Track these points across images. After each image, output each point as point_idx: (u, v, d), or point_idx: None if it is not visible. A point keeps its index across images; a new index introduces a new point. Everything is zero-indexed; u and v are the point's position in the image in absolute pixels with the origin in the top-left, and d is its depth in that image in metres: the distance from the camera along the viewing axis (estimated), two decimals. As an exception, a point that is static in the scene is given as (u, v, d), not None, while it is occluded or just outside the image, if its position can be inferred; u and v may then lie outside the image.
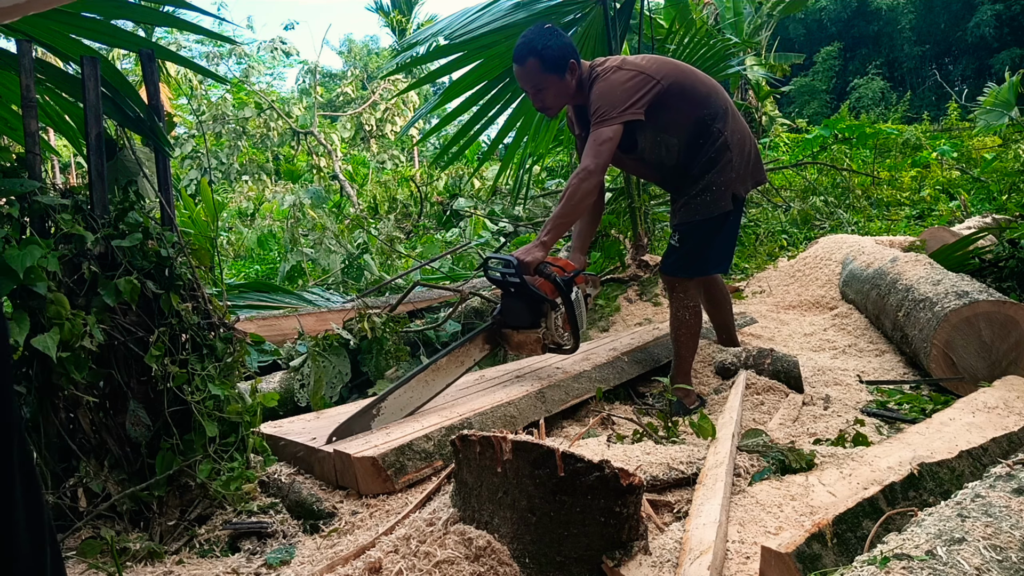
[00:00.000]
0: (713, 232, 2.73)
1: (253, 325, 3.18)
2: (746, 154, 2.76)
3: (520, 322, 2.53)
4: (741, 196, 2.77)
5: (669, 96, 2.62)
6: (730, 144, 2.69)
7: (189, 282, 1.94)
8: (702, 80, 2.75)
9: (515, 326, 2.55)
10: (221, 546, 1.77)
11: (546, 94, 2.67)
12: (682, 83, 2.67)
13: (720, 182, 2.68)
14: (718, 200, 2.68)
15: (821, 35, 30.46)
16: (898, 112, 18.60)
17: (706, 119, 2.68)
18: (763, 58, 14.26)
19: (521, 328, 2.53)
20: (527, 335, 2.53)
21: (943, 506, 1.31)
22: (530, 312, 2.51)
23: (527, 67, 2.61)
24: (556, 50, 2.59)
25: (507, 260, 2.48)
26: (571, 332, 2.56)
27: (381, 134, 14.48)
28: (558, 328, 2.54)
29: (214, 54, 19.32)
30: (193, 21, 2.61)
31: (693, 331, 2.79)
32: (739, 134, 2.74)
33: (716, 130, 2.68)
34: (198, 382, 1.86)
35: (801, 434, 2.29)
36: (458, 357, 2.46)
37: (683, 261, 2.76)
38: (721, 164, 2.68)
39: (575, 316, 2.53)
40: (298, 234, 6.29)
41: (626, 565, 1.40)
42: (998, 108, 9.50)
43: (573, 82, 2.66)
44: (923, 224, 6.58)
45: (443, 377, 2.41)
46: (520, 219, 6.79)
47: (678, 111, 2.65)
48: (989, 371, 2.73)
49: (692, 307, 2.76)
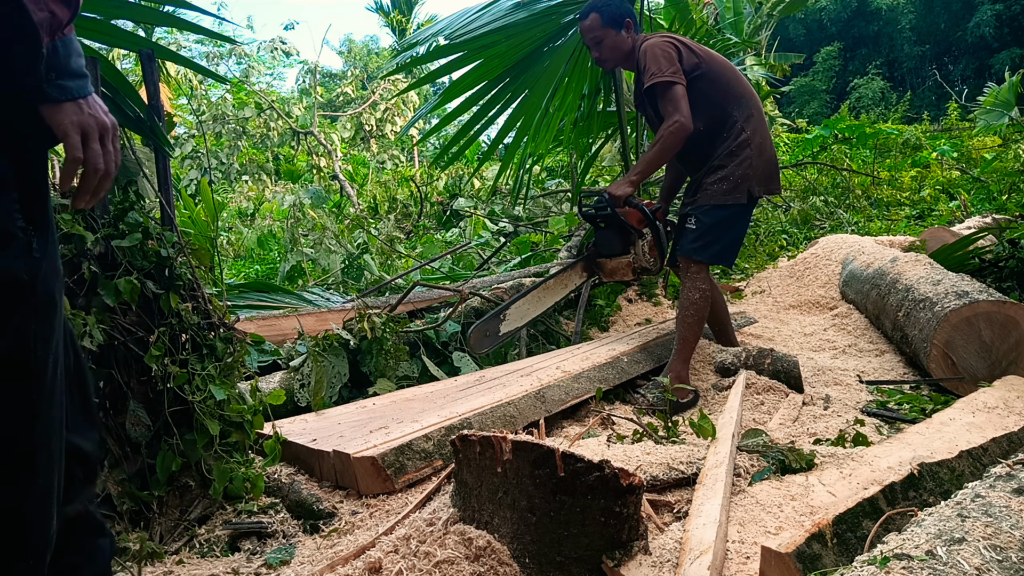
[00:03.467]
0: (728, 220, 2.88)
1: (253, 325, 3.18)
2: (765, 160, 2.92)
3: (612, 250, 2.90)
4: (755, 195, 2.90)
5: (705, 79, 2.84)
6: (751, 143, 2.86)
7: (189, 282, 1.94)
8: (741, 81, 2.98)
9: (608, 254, 2.92)
10: (221, 546, 1.77)
11: (603, 46, 2.97)
12: (721, 72, 2.90)
13: (737, 175, 2.84)
14: (733, 191, 2.84)
15: (821, 35, 30.47)
16: (898, 112, 18.60)
17: (734, 114, 2.89)
18: (763, 58, 14.24)
19: (613, 255, 2.90)
20: (619, 261, 2.89)
21: (943, 506, 1.31)
22: (621, 240, 2.87)
23: (589, 20, 2.96)
24: (615, 8, 2.94)
25: (599, 195, 2.83)
26: (658, 256, 2.91)
27: (381, 134, 14.47)
28: (645, 254, 2.87)
29: (214, 54, 19.31)
30: (193, 21, 2.61)
31: (701, 314, 2.86)
32: (761, 138, 2.91)
33: (740, 127, 2.87)
34: (198, 382, 1.86)
35: (801, 434, 2.29)
36: (562, 280, 2.89)
37: (699, 243, 2.87)
38: (740, 158, 2.85)
39: (661, 240, 2.89)
40: (298, 234, 6.29)
41: (626, 565, 1.40)
42: (998, 108, 9.50)
43: (629, 40, 2.97)
44: (923, 224, 6.58)
45: (551, 295, 2.86)
46: (520, 219, 6.78)
47: (708, 96, 2.86)
48: (989, 371, 2.73)
49: (704, 289, 2.86)
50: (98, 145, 0.99)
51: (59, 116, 0.95)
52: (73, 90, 0.96)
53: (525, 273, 4.42)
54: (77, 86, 0.96)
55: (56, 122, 0.95)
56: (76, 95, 0.96)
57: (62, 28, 0.93)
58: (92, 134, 0.98)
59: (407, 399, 2.57)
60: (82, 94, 0.97)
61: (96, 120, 0.98)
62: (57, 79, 0.94)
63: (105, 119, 0.99)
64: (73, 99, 0.96)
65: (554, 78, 4.13)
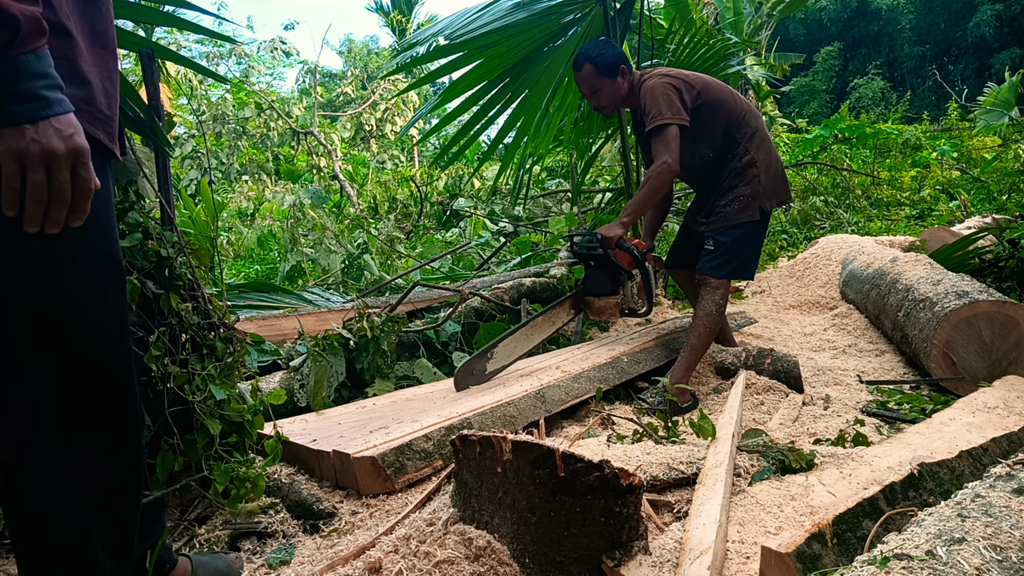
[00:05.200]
0: (744, 238, 2.95)
1: (253, 325, 3.18)
2: (772, 174, 2.99)
3: (602, 290, 2.92)
4: (767, 210, 2.98)
5: (706, 108, 2.91)
6: (756, 162, 2.94)
7: (189, 282, 1.93)
8: (739, 100, 3.03)
9: (597, 293, 2.94)
10: (221, 546, 1.77)
11: (600, 95, 3.02)
12: (719, 98, 2.95)
13: (747, 194, 2.93)
14: (745, 209, 2.93)
15: (821, 35, 30.48)
16: (898, 112, 18.60)
17: (736, 136, 2.95)
18: (763, 58, 14.25)
19: (603, 295, 2.93)
20: (607, 301, 2.92)
21: (943, 506, 1.31)
22: (611, 281, 2.91)
23: (583, 72, 2.99)
24: (608, 57, 2.96)
25: (592, 236, 2.90)
26: (646, 298, 2.96)
27: (381, 134, 14.47)
28: (634, 295, 2.93)
29: (214, 54, 19.28)
30: (193, 21, 2.61)
31: (714, 327, 2.91)
32: (766, 155, 2.98)
33: (744, 148, 2.95)
34: (198, 382, 1.86)
35: (801, 434, 2.29)
36: (550, 318, 2.90)
37: (717, 261, 2.95)
38: (748, 178, 2.93)
39: (650, 284, 2.94)
40: (298, 234, 6.29)
41: (626, 565, 1.40)
42: (998, 108, 9.50)
43: (625, 85, 3.01)
44: (923, 224, 6.58)
45: (539, 333, 2.86)
46: (520, 219, 6.78)
47: (713, 125, 2.95)
48: (989, 371, 2.73)
49: (720, 304, 2.93)
50: (40, 175, 0.93)
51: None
52: (15, 115, 0.91)
53: (525, 273, 4.42)
54: (23, 110, 0.91)
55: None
56: (18, 120, 0.91)
57: (4, 52, 0.89)
58: (33, 163, 0.92)
59: (407, 399, 2.57)
60: (27, 118, 0.92)
61: (42, 147, 0.92)
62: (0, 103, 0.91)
63: (56, 145, 0.93)
64: (14, 124, 0.91)
65: (554, 78, 4.13)
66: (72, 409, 1.11)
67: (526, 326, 2.80)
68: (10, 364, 1.08)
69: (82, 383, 1.11)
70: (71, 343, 1.10)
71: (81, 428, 1.12)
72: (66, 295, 1.08)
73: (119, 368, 1.16)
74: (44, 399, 1.09)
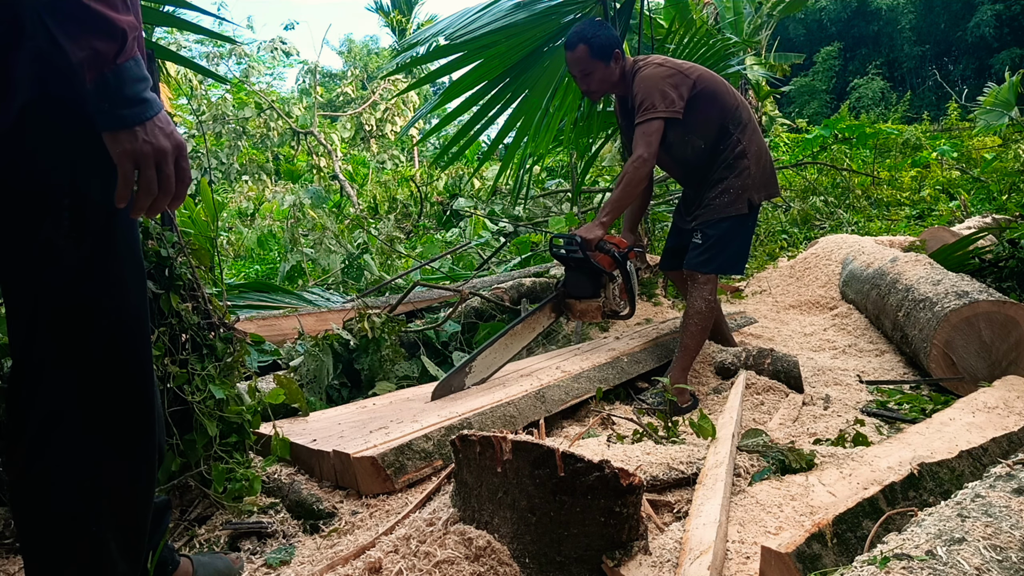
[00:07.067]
0: (732, 231, 2.90)
1: (253, 325, 3.18)
2: (762, 166, 2.95)
3: (583, 292, 2.84)
4: (756, 203, 2.93)
5: (701, 99, 2.85)
6: (747, 153, 2.90)
7: (189, 282, 1.93)
8: (731, 91, 2.98)
9: (578, 296, 2.86)
10: (221, 546, 1.77)
11: (592, 79, 2.91)
12: (714, 89, 2.89)
13: (737, 186, 2.88)
14: (735, 202, 2.88)
15: (821, 35, 30.49)
16: (898, 112, 18.62)
17: (729, 127, 2.91)
18: (763, 58, 14.24)
19: (583, 298, 2.85)
20: (589, 304, 2.84)
21: (943, 506, 1.31)
22: (591, 283, 2.83)
23: (576, 52, 2.87)
24: (603, 39, 2.86)
25: (571, 238, 2.80)
26: (628, 300, 2.88)
27: (381, 134, 14.46)
28: (615, 297, 2.85)
29: (214, 54, 19.26)
30: (193, 21, 2.61)
31: (705, 325, 2.88)
32: (757, 146, 2.94)
33: (736, 139, 2.90)
34: (198, 382, 1.86)
35: (801, 434, 2.29)
36: (529, 324, 2.80)
37: (704, 255, 2.91)
38: (738, 170, 2.89)
39: (631, 285, 2.87)
40: (298, 234, 6.29)
41: (626, 565, 1.40)
42: (998, 108, 9.50)
43: (617, 70, 2.92)
44: (923, 224, 6.58)
45: (519, 341, 2.76)
46: (520, 219, 6.78)
47: (707, 115, 2.88)
48: (989, 371, 2.73)
49: (709, 300, 2.89)
50: (152, 171, 1.02)
51: (113, 146, 1.00)
52: (127, 118, 0.98)
53: (525, 273, 4.42)
54: (132, 114, 0.98)
55: (112, 151, 1.00)
56: (130, 123, 0.98)
57: (111, 61, 0.95)
58: (146, 161, 1.01)
59: (407, 399, 2.57)
60: (137, 121, 0.99)
61: (153, 146, 1.01)
62: (111, 109, 0.97)
63: (164, 143, 1.02)
64: (128, 128, 0.98)
65: (554, 78, 4.13)
66: (92, 409, 1.12)
67: (506, 335, 2.72)
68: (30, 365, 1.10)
69: (102, 384, 1.13)
70: (94, 345, 1.11)
71: (100, 428, 1.13)
72: (92, 296, 1.10)
73: (139, 370, 1.17)
74: (64, 399, 1.10)
